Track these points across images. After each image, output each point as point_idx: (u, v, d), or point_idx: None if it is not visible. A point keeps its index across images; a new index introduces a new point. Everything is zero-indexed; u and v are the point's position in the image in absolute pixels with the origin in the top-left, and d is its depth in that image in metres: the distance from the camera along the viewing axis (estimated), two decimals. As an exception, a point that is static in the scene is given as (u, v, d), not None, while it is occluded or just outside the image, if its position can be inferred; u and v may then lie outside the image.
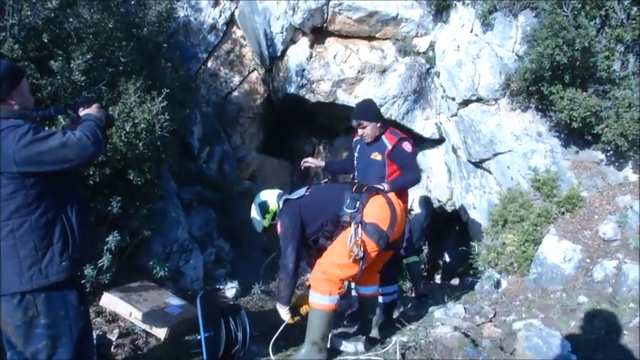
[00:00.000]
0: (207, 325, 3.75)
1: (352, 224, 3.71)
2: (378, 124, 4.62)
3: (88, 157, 2.65)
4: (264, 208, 4.21)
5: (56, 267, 2.59)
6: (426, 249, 8.43)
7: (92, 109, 2.88)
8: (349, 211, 3.77)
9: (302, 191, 4.12)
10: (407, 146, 4.59)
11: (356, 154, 4.81)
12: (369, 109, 4.71)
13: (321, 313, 3.70)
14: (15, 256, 2.52)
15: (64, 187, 2.69)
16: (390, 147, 4.55)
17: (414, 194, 7.58)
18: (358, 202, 3.79)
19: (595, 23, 5.45)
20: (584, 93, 5.41)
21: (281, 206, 4.11)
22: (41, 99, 4.02)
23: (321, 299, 3.69)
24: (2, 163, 2.45)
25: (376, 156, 4.59)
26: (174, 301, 4.61)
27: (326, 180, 4.24)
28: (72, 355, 2.64)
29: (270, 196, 4.24)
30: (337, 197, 3.90)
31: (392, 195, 3.98)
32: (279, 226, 3.99)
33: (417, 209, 7.80)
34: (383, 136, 4.62)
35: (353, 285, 4.94)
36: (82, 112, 2.86)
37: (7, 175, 2.47)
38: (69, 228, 2.66)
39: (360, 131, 4.61)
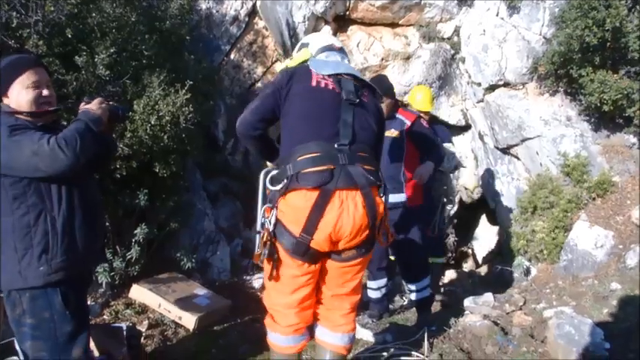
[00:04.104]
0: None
1: (265, 206, 2.64)
2: (393, 102, 4.48)
3: (61, 170, 2.35)
4: (301, 47, 3.07)
5: (33, 271, 2.42)
6: (453, 237, 8.34)
7: (92, 105, 2.61)
8: (272, 187, 2.59)
9: (329, 64, 2.82)
10: (425, 123, 4.50)
11: None
12: (386, 85, 4.47)
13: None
14: (2, 253, 2.44)
15: (51, 187, 2.45)
16: (409, 123, 4.39)
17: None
18: (286, 181, 2.52)
19: (626, 2, 5.29)
20: (615, 75, 5.28)
21: (309, 61, 2.88)
22: (67, 94, 4.06)
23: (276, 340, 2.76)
24: None
25: (392, 133, 4.38)
26: (203, 292, 4.65)
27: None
28: None
29: (317, 42, 3.01)
30: (304, 136, 2.58)
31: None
32: None
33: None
34: (397, 114, 4.45)
35: None
36: (81, 108, 2.62)
37: None
38: (52, 231, 2.45)
39: None
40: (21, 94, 2.48)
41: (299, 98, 2.66)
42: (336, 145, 2.54)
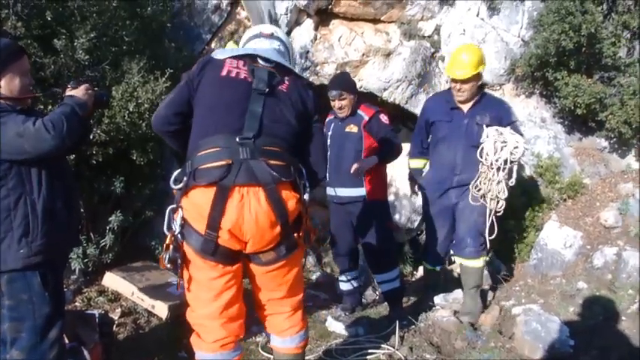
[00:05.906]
0: None
1: (170, 207, 2.46)
2: (356, 98, 4.55)
3: (46, 151, 2.42)
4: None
5: (13, 254, 2.45)
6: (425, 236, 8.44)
7: (78, 91, 2.67)
8: (174, 186, 2.49)
9: (227, 53, 2.66)
10: (384, 118, 4.49)
11: (329, 133, 4.59)
12: (349, 81, 4.63)
13: None
14: None
15: (32, 170, 2.50)
16: (367, 118, 4.44)
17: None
18: (186, 179, 2.40)
19: (602, 9, 5.42)
20: (589, 79, 5.40)
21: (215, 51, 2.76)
22: (45, 78, 4.01)
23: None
24: None
25: (352, 128, 4.46)
26: (176, 281, 4.62)
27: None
28: (35, 341, 2.52)
29: (247, 35, 2.90)
30: (210, 128, 2.43)
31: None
32: None
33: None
34: (358, 110, 4.51)
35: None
36: (67, 93, 2.68)
37: None
38: (32, 214, 2.49)
39: (338, 103, 4.42)
40: (15, 81, 2.51)
41: (208, 89, 2.50)
42: (237, 139, 2.34)
